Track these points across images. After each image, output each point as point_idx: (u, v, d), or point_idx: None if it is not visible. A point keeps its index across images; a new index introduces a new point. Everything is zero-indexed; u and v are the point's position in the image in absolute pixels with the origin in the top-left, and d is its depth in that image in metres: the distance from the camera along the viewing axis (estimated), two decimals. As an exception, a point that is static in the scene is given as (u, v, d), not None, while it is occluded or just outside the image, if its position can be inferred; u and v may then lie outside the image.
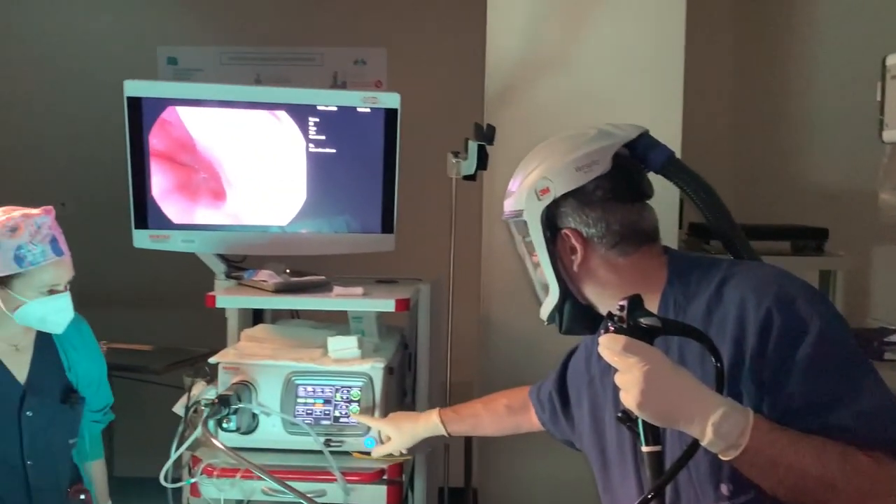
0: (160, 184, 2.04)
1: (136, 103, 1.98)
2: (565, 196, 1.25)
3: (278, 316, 2.38)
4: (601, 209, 1.25)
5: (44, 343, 1.83)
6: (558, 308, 1.31)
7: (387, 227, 2.15)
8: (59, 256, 1.72)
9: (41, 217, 1.73)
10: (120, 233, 2.20)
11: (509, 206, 1.36)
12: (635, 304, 1.05)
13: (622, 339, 1.02)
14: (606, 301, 1.27)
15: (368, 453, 1.90)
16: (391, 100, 2.08)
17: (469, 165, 2.25)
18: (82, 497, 1.85)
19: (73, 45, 4.17)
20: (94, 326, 3.92)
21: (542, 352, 2.81)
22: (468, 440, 3.03)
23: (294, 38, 4.11)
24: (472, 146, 2.22)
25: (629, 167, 1.29)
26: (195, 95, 2.01)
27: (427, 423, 1.78)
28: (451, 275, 2.39)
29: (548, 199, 1.26)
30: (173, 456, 1.73)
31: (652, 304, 1.23)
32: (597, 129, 1.31)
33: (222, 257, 2.21)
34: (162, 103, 1.99)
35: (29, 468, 1.75)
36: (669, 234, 2.77)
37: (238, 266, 2.22)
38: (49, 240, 1.71)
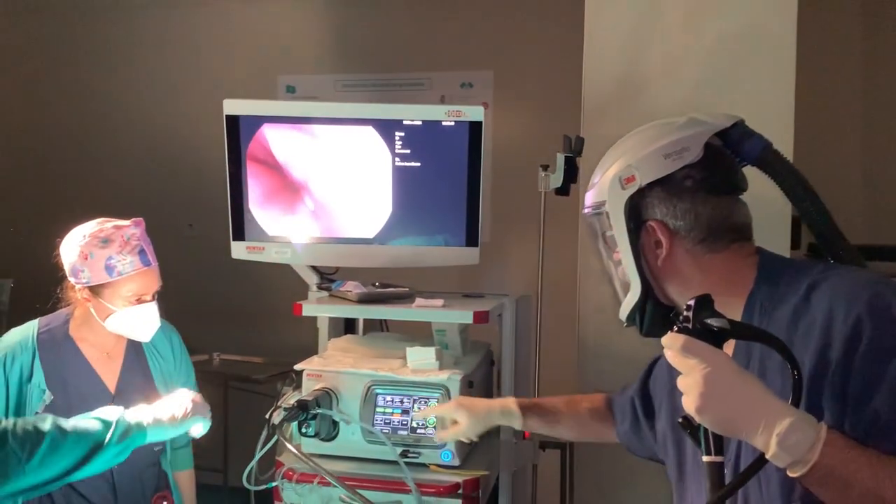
0: (256, 197, 2.14)
1: (233, 121, 2.09)
2: (651, 185, 1.17)
3: (370, 328, 2.42)
4: (690, 200, 1.16)
5: (134, 352, 1.92)
6: (639, 307, 1.23)
7: (471, 240, 2.15)
8: (147, 266, 1.80)
9: (132, 228, 1.81)
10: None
11: (591, 198, 1.29)
12: (703, 303, 0.98)
13: (682, 338, 0.95)
14: None
15: (445, 466, 1.88)
16: (475, 113, 2.08)
17: (557, 178, 2.21)
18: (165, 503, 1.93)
19: (201, 73, 4.48)
20: (212, 339, 4.14)
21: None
22: (564, 460, 2.94)
23: (404, 64, 4.24)
24: (560, 158, 2.18)
25: (722, 157, 1.20)
26: (288, 113, 2.10)
27: (503, 410, 1.63)
28: (539, 291, 2.34)
29: (632, 188, 1.18)
30: (255, 458, 1.78)
31: (737, 306, 1.14)
32: (687, 116, 1.24)
33: (315, 269, 2.28)
34: (258, 121, 2.10)
35: (116, 473, 1.82)
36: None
37: (330, 278, 2.28)
38: (138, 251, 1.78)
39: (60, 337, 1.83)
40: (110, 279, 1.75)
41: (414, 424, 1.91)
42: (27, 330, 1.83)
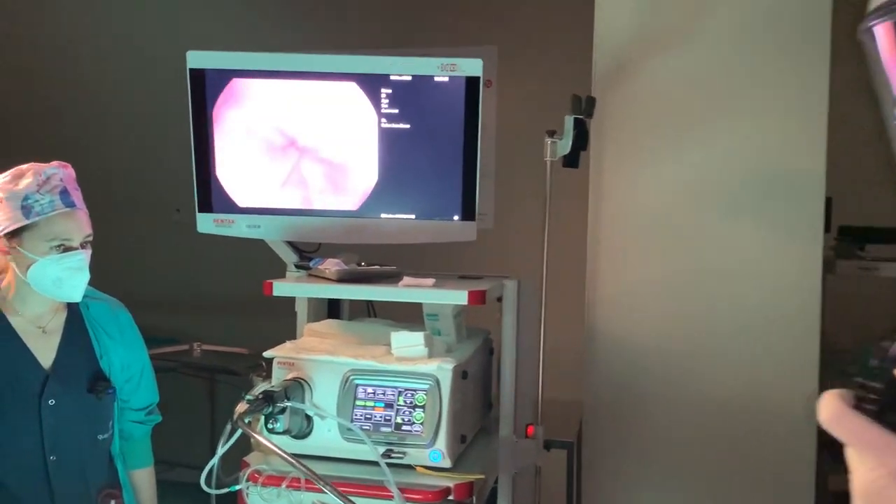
0: (224, 163, 1.90)
1: (199, 75, 1.86)
2: None
3: (356, 314, 2.18)
4: None
5: (74, 327, 1.71)
6: None
7: (468, 213, 1.90)
8: (70, 208, 1.61)
9: (51, 168, 1.62)
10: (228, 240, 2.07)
11: None
12: None
13: (831, 406, 0.61)
14: None
15: (435, 468, 1.64)
16: (473, 67, 1.83)
17: (565, 144, 1.96)
18: (112, 503, 1.70)
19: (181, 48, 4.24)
20: (200, 329, 3.92)
21: (659, 370, 2.47)
22: (571, 461, 2.70)
23: (402, 39, 3.98)
24: (568, 121, 1.93)
25: None
26: (259, 66, 1.86)
27: None
28: (545, 272, 2.10)
29: None
30: (215, 457, 1.55)
31: None
32: None
33: (293, 246, 2.04)
34: (226, 75, 1.86)
35: (51, 464, 1.62)
36: (813, 240, 2.34)
37: (311, 256, 2.04)
38: (59, 190, 1.60)
39: None
40: (27, 221, 1.56)
41: (399, 420, 1.66)
42: None
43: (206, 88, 1.87)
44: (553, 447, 2.43)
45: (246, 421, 1.53)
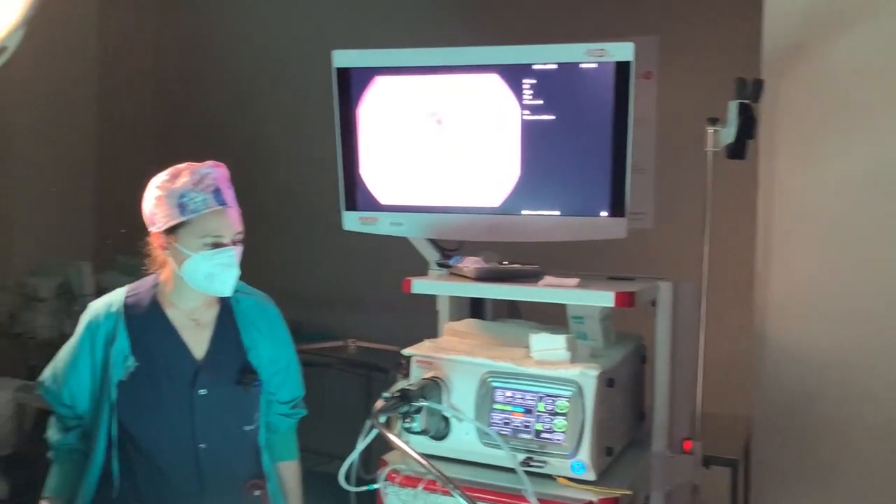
0: (366, 161, 1.91)
1: (344, 74, 1.87)
2: None
3: (499, 314, 2.11)
4: None
5: (225, 321, 1.76)
6: None
7: (616, 208, 1.77)
8: (222, 206, 1.65)
9: (205, 168, 1.68)
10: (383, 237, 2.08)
11: None
12: None
13: None
14: None
15: (577, 480, 1.53)
16: (622, 51, 1.70)
17: (729, 132, 1.78)
18: (257, 493, 1.73)
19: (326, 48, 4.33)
20: (357, 325, 4.01)
21: (840, 382, 2.19)
22: (735, 480, 2.48)
23: (549, 32, 3.84)
24: (732, 107, 1.75)
25: None
26: (400, 62, 1.85)
27: None
28: (704, 274, 1.92)
29: None
30: (353, 454, 1.54)
31: None
32: None
33: (435, 244, 2.01)
34: (369, 73, 1.86)
35: (201, 452, 1.68)
36: None
37: (451, 254, 2.00)
38: (212, 189, 1.65)
39: (147, 302, 1.73)
40: (182, 218, 1.63)
41: (539, 427, 1.57)
42: (114, 296, 1.75)
43: (351, 87, 1.88)
44: (714, 464, 2.23)
45: (382, 419, 1.51)
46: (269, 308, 1.82)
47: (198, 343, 1.72)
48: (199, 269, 1.65)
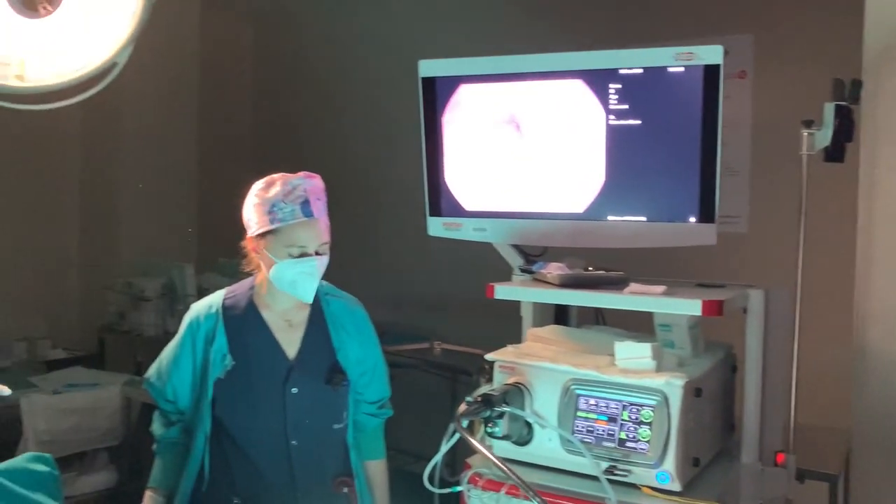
0: (451, 167, 1.94)
1: (430, 84, 1.91)
2: None
3: (584, 321, 2.10)
4: None
5: (316, 322, 1.82)
6: None
7: (706, 214, 1.73)
8: (308, 218, 1.70)
9: (297, 179, 1.73)
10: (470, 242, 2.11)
11: None
12: None
13: None
14: None
15: (662, 491, 1.51)
16: (712, 54, 1.67)
17: (825, 135, 1.71)
18: (345, 490, 1.78)
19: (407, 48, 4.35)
20: (444, 328, 4.03)
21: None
22: (833, 497, 2.37)
23: (638, 33, 3.76)
24: (829, 108, 1.68)
25: None
26: (483, 70, 1.87)
27: None
28: (799, 281, 1.85)
29: None
30: (437, 455, 1.57)
31: None
32: None
33: (519, 249, 2.02)
34: (454, 81, 1.89)
35: (293, 449, 1.74)
36: None
37: (535, 259, 2.01)
38: (301, 201, 1.70)
39: (244, 304, 1.81)
40: (271, 227, 1.70)
41: (623, 435, 1.56)
42: (214, 297, 1.83)
43: (436, 96, 1.92)
44: (810, 479, 2.14)
45: (465, 423, 1.53)
46: (357, 310, 1.88)
47: (290, 343, 1.79)
48: (283, 276, 1.72)
